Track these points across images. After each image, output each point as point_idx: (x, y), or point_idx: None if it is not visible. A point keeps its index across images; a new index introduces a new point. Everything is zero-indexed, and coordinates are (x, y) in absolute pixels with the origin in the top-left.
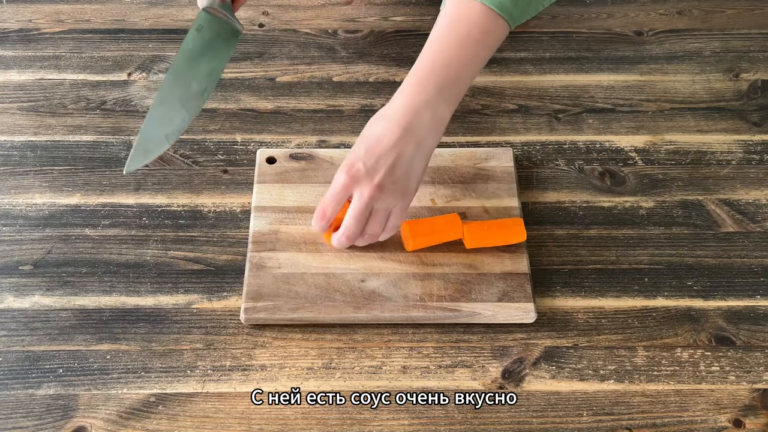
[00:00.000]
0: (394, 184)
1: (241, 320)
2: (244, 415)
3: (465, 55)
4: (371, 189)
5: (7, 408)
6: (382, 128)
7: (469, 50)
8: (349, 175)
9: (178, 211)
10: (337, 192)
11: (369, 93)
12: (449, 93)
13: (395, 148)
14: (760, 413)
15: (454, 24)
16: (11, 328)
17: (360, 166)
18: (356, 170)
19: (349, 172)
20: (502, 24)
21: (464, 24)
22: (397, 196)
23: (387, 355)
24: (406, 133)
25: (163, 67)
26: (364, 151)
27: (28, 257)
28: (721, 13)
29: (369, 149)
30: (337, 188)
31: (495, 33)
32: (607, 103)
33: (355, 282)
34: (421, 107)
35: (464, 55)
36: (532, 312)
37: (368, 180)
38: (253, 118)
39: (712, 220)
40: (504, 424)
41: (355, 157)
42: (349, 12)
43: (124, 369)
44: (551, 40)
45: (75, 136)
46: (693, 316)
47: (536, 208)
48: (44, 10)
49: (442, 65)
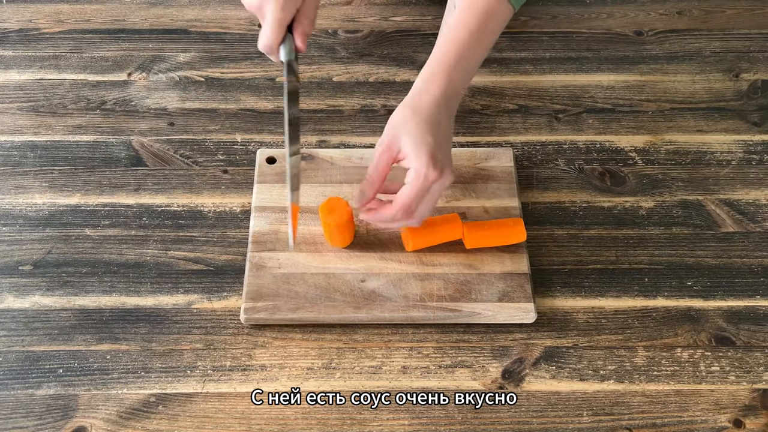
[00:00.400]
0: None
1: (241, 320)
2: (244, 415)
3: (480, 43)
4: (451, 175)
5: (7, 408)
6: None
7: (484, 37)
8: (436, 168)
9: (178, 211)
10: (426, 186)
11: (369, 93)
12: (466, 79)
13: (448, 129)
14: (760, 413)
15: (467, 13)
16: (11, 328)
17: (440, 156)
18: (440, 160)
19: (437, 164)
20: (506, 5)
21: (476, 12)
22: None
23: (387, 355)
24: (448, 115)
25: (163, 67)
26: (433, 137)
27: (28, 257)
28: (721, 13)
29: (435, 133)
30: (429, 182)
31: (502, 15)
32: (607, 103)
33: (355, 282)
34: (449, 93)
35: (479, 43)
36: (532, 312)
37: (448, 168)
38: (253, 118)
39: (712, 220)
40: (504, 424)
41: (430, 144)
42: (349, 12)
43: (124, 369)
44: (551, 40)
45: (75, 136)
46: (693, 316)
47: (536, 208)
48: (44, 10)
49: (463, 53)
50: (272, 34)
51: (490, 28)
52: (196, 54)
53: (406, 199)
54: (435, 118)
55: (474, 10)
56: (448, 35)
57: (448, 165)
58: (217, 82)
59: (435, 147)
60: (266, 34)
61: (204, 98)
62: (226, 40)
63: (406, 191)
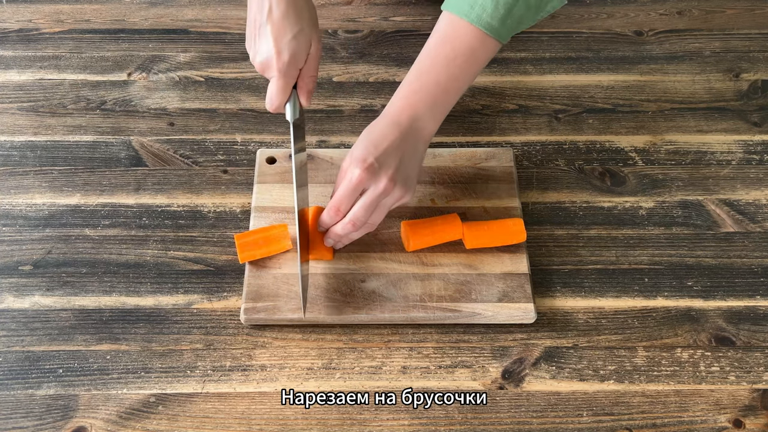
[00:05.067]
0: (403, 180)
1: (241, 320)
2: (244, 415)
3: (453, 74)
4: (386, 182)
5: (7, 408)
6: (385, 130)
7: (457, 69)
8: (364, 169)
9: (178, 211)
10: (354, 186)
11: (369, 93)
12: (438, 110)
13: (399, 148)
14: (760, 413)
15: (442, 44)
16: (11, 328)
17: (373, 160)
18: (370, 164)
19: (365, 166)
20: (491, 42)
21: (452, 44)
22: (402, 191)
23: (387, 355)
24: (405, 137)
25: (163, 67)
26: (374, 147)
27: (28, 257)
28: (721, 13)
29: (377, 146)
30: (354, 182)
31: (483, 52)
32: (607, 103)
33: (355, 282)
34: (413, 120)
35: (452, 74)
36: (532, 312)
37: (383, 174)
38: (253, 118)
39: (712, 220)
40: (504, 424)
41: (365, 152)
42: (349, 12)
43: (124, 369)
44: (551, 40)
45: (75, 136)
46: (693, 317)
47: (536, 208)
48: (44, 10)
49: (433, 83)
50: (279, 96)
51: (462, 64)
52: (196, 54)
53: (334, 198)
54: (383, 136)
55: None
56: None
57: (398, 180)
58: (217, 82)
59: (369, 153)
60: (273, 96)
61: (204, 98)
62: (226, 40)
63: (337, 192)
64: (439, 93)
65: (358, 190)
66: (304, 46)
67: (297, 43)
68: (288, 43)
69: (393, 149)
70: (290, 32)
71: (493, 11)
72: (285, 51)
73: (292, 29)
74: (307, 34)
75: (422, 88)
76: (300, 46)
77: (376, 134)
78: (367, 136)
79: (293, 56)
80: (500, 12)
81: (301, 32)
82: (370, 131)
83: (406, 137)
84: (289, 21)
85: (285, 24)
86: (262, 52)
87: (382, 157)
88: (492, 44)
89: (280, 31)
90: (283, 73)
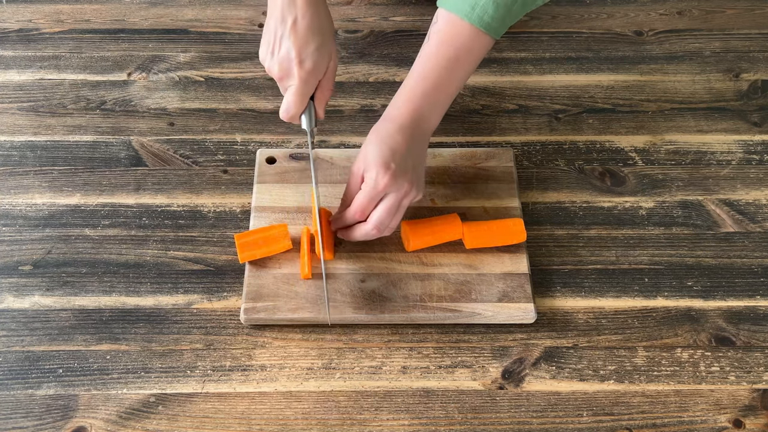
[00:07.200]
0: (417, 180)
1: (241, 320)
2: (244, 415)
3: (454, 74)
4: (408, 185)
5: (7, 408)
6: (396, 134)
7: (458, 69)
8: (390, 175)
9: (178, 211)
10: (380, 191)
11: (369, 93)
12: (440, 108)
13: (411, 150)
14: (760, 413)
15: (443, 45)
16: (11, 328)
17: (393, 165)
18: (394, 170)
19: (390, 172)
20: (489, 40)
21: (454, 46)
22: (417, 191)
23: (387, 355)
24: (414, 139)
25: (163, 67)
26: (391, 152)
27: (28, 257)
28: (721, 13)
29: (394, 151)
30: (380, 188)
31: (481, 50)
32: (607, 103)
33: (355, 282)
34: (419, 122)
35: (453, 74)
36: (532, 312)
37: (403, 177)
38: (253, 118)
39: (712, 220)
40: (504, 424)
41: (386, 158)
42: (349, 12)
43: (124, 369)
44: (551, 40)
45: (75, 136)
46: (693, 317)
47: (536, 208)
48: (44, 10)
49: (435, 85)
50: (297, 106)
51: (463, 64)
52: (196, 54)
53: (358, 202)
54: (396, 141)
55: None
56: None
57: (415, 181)
58: (217, 82)
59: (390, 159)
60: (291, 105)
61: (204, 98)
62: (226, 40)
63: (359, 195)
64: (441, 93)
65: (381, 195)
66: (326, 59)
67: (319, 55)
68: (311, 53)
69: (407, 152)
70: (313, 44)
71: (494, 12)
72: (308, 61)
73: (315, 41)
74: (329, 48)
75: (426, 91)
76: (322, 58)
77: (390, 139)
78: (381, 141)
79: (315, 67)
80: (500, 12)
81: (323, 45)
82: (381, 136)
83: (414, 139)
84: (312, 33)
85: (309, 35)
86: (283, 61)
87: (401, 161)
88: (489, 42)
89: (303, 42)
90: (304, 82)
